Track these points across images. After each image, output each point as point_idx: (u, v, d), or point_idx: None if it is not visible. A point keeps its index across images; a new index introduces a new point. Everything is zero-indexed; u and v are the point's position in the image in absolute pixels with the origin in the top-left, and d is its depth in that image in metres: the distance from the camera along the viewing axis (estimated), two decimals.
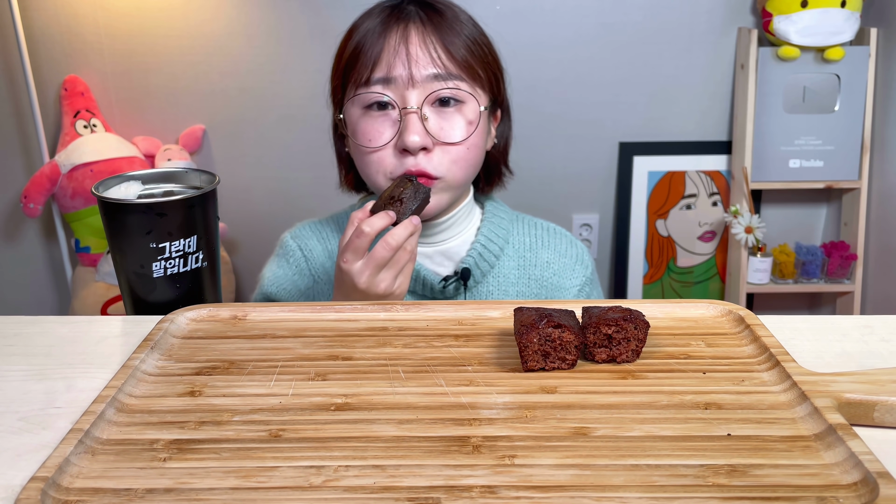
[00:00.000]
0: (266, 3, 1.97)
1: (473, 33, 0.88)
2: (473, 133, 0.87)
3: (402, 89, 0.85)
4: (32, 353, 0.59)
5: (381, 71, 0.85)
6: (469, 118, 0.87)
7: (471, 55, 0.87)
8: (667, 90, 2.05)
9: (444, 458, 0.44)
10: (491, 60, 0.90)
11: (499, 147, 0.97)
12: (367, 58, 0.86)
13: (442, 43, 0.85)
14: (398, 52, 0.84)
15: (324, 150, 2.26)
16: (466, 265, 0.93)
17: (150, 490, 0.41)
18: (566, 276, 0.97)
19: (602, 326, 0.55)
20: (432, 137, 0.85)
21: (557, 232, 1.01)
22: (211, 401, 0.51)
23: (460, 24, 0.88)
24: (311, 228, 1.01)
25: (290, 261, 0.98)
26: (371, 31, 0.86)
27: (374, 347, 0.58)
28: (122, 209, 0.67)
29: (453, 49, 0.86)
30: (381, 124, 0.86)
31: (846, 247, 2.03)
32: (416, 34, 0.85)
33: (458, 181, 0.88)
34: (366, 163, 0.88)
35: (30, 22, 1.96)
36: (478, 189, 0.99)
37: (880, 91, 1.96)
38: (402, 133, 0.84)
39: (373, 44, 0.86)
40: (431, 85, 0.85)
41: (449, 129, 0.86)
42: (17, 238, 2.18)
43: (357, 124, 0.88)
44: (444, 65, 0.85)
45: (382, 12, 0.88)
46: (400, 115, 0.85)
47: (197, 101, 2.04)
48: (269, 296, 0.96)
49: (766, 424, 0.47)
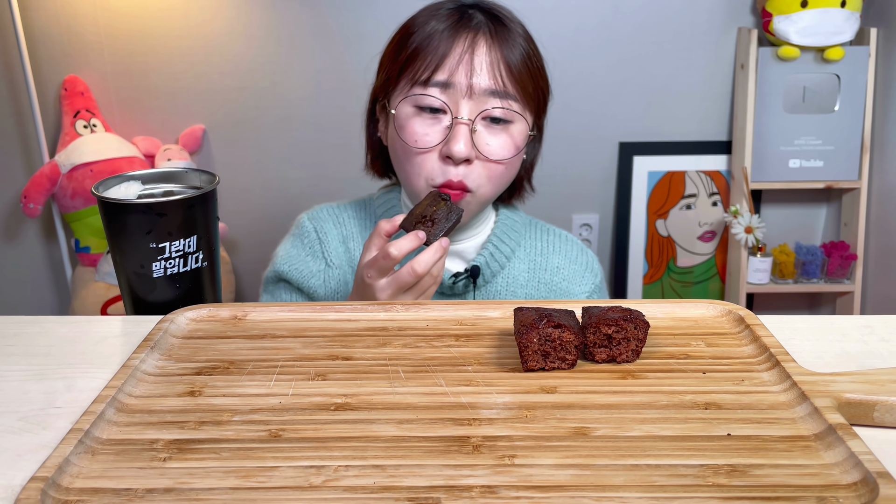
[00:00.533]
0: (266, 3, 1.97)
1: (530, 51, 0.88)
2: (517, 154, 0.88)
3: (458, 97, 0.85)
4: (32, 353, 0.59)
5: (442, 74, 0.85)
6: (516, 139, 0.88)
7: (528, 74, 0.87)
8: (667, 90, 2.05)
9: (444, 458, 0.44)
10: (541, 81, 0.91)
11: (526, 164, 0.97)
12: (430, 58, 0.85)
13: (504, 58, 0.85)
14: (463, 59, 0.85)
15: (324, 151, 2.27)
16: (477, 263, 0.93)
17: (150, 490, 0.41)
18: (575, 282, 0.98)
19: (602, 326, 0.55)
20: (477, 151, 0.86)
21: (569, 239, 1.02)
22: (211, 401, 0.51)
23: (521, 39, 0.88)
24: (328, 212, 1.01)
25: (305, 241, 0.99)
26: (438, 31, 0.86)
27: (374, 347, 0.58)
28: (122, 209, 0.67)
29: (515, 70, 0.86)
30: (431, 128, 0.86)
31: (846, 247, 2.03)
32: (483, 45, 0.85)
33: (487, 197, 0.89)
34: (409, 163, 0.88)
35: (30, 22, 1.96)
36: (497, 199, 0.99)
37: (880, 91, 1.96)
38: (450, 141, 0.84)
39: (438, 45, 0.85)
40: (487, 100, 0.85)
41: (496, 146, 0.86)
42: (17, 238, 2.18)
43: (406, 122, 0.88)
44: (502, 81, 0.85)
45: (451, 15, 0.87)
46: (451, 123, 0.85)
47: (197, 101, 2.04)
48: (281, 274, 0.96)
49: (766, 424, 0.47)
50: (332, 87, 2.02)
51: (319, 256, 0.98)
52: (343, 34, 1.98)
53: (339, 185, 1.98)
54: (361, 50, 1.96)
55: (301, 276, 0.96)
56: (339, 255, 0.97)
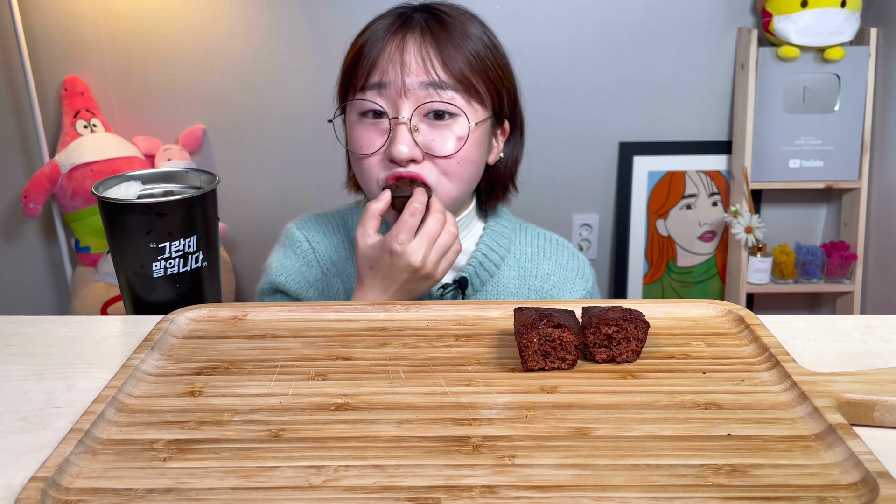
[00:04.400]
0: (266, 3, 1.97)
1: (478, 48, 0.87)
2: (463, 147, 0.85)
3: (394, 98, 0.84)
4: (32, 353, 0.59)
5: (375, 77, 0.85)
6: (460, 133, 0.85)
7: (469, 68, 0.85)
8: (667, 90, 2.05)
9: (444, 458, 0.44)
10: (495, 76, 0.88)
11: (505, 163, 0.95)
12: (365, 63, 0.85)
13: (439, 54, 0.84)
14: (392, 59, 0.84)
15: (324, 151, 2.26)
16: (465, 274, 0.92)
17: (150, 490, 0.41)
18: (566, 288, 0.96)
19: (602, 326, 0.55)
20: (421, 149, 0.84)
21: (560, 243, 1.00)
22: (211, 401, 0.51)
23: (465, 37, 0.86)
24: (315, 221, 1.01)
25: (298, 252, 0.98)
26: (373, 36, 0.86)
27: (374, 347, 0.58)
28: (122, 209, 0.67)
29: (450, 62, 0.84)
30: (373, 132, 0.86)
31: (846, 247, 2.03)
32: (412, 43, 0.84)
33: (449, 196, 0.87)
34: (358, 168, 0.89)
35: (30, 22, 1.96)
36: (479, 203, 0.98)
37: (880, 91, 1.96)
38: (391, 143, 0.84)
39: (371, 49, 0.85)
40: (423, 96, 0.84)
41: (440, 141, 0.85)
42: (17, 238, 2.18)
43: (351, 130, 0.88)
44: (437, 76, 0.84)
45: (389, 17, 0.88)
46: (390, 125, 0.84)
47: (197, 101, 2.04)
48: (277, 285, 0.96)
49: (766, 424, 0.47)
50: (332, 87, 2.01)
51: (315, 266, 0.97)
52: (343, 34, 1.97)
53: (338, 185, 1.97)
54: None
55: (298, 287, 0.95)
56: (333, 263, 0.97)
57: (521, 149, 0.98)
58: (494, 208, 1.00)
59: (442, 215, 0.80)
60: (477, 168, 0.90)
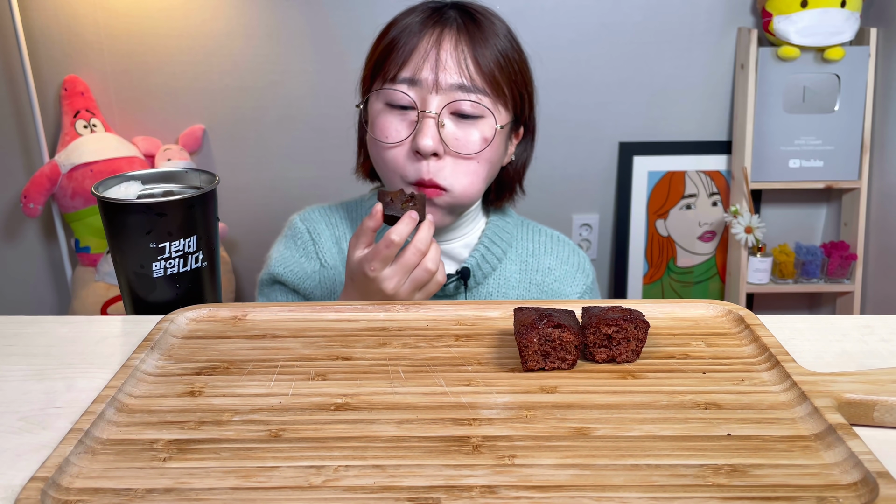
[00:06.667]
0: (266, 3, 1.97)
1: (507, 49, 0.88)
2: (486, 149, 0.87)
3: (425, 93, 0.85)
4: (32, 353, 0.59)
5: (408, 71, 0.85)
6: (485, 134, 0.86)
7: (499, 70, 0.87)
8: (667, 90, 2.05)
9: (444, 458, 0.44)
10: (519, 79, 0.90)
11: (515, 166, 0.97)
12: (398, 55, 0.86)
13: (473, 54, 0.85)
14: (428, 55, 0.85)
15: (324, 150, 2.27)
16: (468, 265, 0.93)
17: (150, 490, 0.41)
18: (567, 283, 0.98)
19: (602, 326, 0.55)
20: (445, 145, 0.85)
21: (561, 240, 1.01)
22: (211, 401, 0.51)
23: (496, 37, 0.87)
24: (319, 213, 1.01)
25: (299, 243, 0.99)
26: (408, 29, 0.87)
27: (374, 347, 0.58)
28: (122, 209, 0.67)
29: (482, 61, 0.85)
30: (399, 123, 0.86)
31: (846, 247, 2.03)
32: (449, 40, 0.85)
33: (465, 194, 0.88)
34: (381, 158, 0.89)
35: (30, 22, 1.96)
36: (486, 201, 0.99)
37: (880, 91, 1.96)
38: (417, 135, 0.85)
39: (406, 42, 0.86)
40: (454, 94, 0.85)
41: (464, 140, 0.86)
42: (17, 238, 2.18)
43: (377, 118, 0.88)
44: (470, 76, 0.85)
45: (424, 12, 0.88)
46: (418, 117, 0.85)
47: (197, 101, 2.04)
48: (276, 276, 0.96)
49: (766, 424, 0.47)
50: (332, 87, 2.02)
51: (314, 257, 0.97)
52: (343, 34, 1.98)
53: (339, 185, 1.97)
54: (361, 50, 1.94)
55: (296, 278, 0.96)
56: (333, 255, 0.97)
57: (531, 153, 0.99)
58: (500, 207, 1.01)
59: (423, 247, 0.78)
60: (495, 169, 0.91)
